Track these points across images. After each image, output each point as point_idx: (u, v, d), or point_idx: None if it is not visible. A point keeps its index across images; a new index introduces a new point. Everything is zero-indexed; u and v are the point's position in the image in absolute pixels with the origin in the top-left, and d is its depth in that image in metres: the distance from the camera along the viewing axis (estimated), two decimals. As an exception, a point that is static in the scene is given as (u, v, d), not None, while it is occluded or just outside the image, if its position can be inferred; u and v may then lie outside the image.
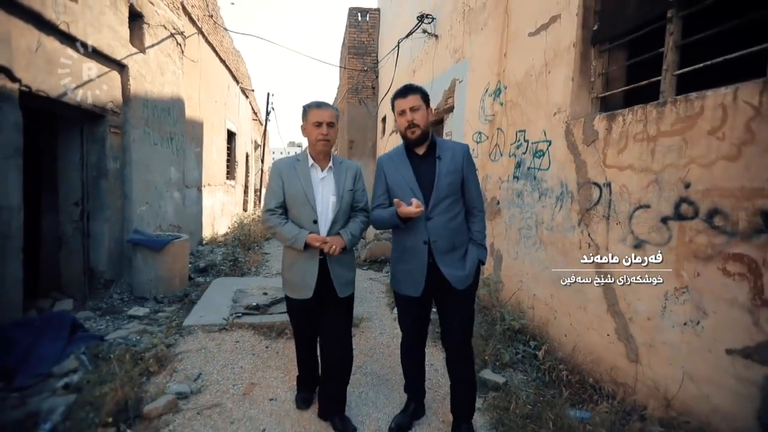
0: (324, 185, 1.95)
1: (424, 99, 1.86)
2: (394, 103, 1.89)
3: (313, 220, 1.90)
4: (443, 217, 1.84)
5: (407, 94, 1.85)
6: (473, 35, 4.18)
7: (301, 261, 1.93)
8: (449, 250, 1.85)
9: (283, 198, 1.94)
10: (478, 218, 1.95)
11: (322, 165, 1.97)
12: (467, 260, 1.88)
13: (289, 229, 1.89)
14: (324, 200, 1.94)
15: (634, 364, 2.14)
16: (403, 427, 2.03)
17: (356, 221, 2.02)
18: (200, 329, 3.16)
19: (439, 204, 1.83)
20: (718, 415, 1.69)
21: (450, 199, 1.85)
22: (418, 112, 1.83)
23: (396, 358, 2.87)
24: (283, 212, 1.96)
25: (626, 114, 2.20)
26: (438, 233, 1.83)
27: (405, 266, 1.90)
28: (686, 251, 1.85)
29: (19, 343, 2.52)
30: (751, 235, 1.58)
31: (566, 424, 1.94)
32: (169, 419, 2.04)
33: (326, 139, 1.90)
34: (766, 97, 1.53)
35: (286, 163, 1.97)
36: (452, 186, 1.85)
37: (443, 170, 1.85)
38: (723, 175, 1.69)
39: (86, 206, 3.80)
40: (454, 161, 1.87)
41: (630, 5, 2.35)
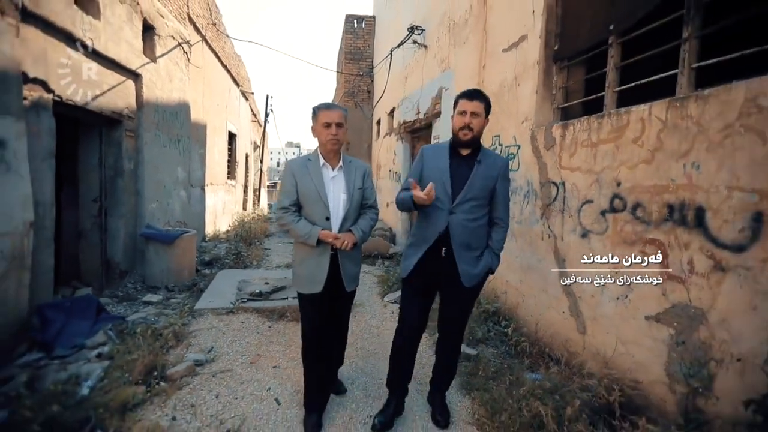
0: (335, 183, 2.01)
1: (486, 108, 1.92)
2: (458, 101, 1.94)
3: (325, 217, 1.96)
4: (464, 216, 1.90)
5: (473, 98, 1.89)
6: (457, 48, 4.58)
7: (314, 256, 1.99)
8: (464, 247, 1.92)
9: (296, 196, 2.00)
10: (501, 229, 2.01)
11: (333, 164, 2.03)
12: (481, 262, 1.96)
13: (302, 226, 1.94)
14: (335, 198, 2.00)
15: (582, 335, 2.54)
16: (385, 425, 2.07)
17: (366, 218, 2.09)
18: (210, 312, 3.54)
19: (464, 203, 1.90)
20: (638, 367, 2.09)
21: (475, 202, 1.91)
22: (477, 118, 1.88)
23: (383, 336, 3.27)
24: (296, 210, 2.02)
25: (576, 124, 2.60)
26: (456, 228, 1.90)
27: (416, 251, 1.99)
28: (618, 238, 2.24)
29: (54, 320, 2.88)
30: (661, 223, 1.97)
31: (521, 382, 2.33)
32: (188, 380, 2.42)
33: (336, 138, 1.96)
34: (671, 113, 1.93)
35: (299, 163, 2.03)
36: (482, 191, 1.91)
37: (479, 174, 1.91)
38: (642, 175, 2.08)
39: (104, 203, 4.16)
40: (492, 170, 1.93)
41: (582, 31, 2.75)
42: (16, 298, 2.65)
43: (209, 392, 2.31)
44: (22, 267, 2.68)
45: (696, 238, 1.79)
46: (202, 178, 6.97)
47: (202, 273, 4.94)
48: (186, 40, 5.70)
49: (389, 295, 4.30)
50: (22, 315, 2.71)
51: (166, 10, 5.04)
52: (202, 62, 6.80)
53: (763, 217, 1.53)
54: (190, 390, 2.33)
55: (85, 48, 3.36)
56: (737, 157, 1.62)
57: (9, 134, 2.49)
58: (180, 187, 5.66)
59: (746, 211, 1.59)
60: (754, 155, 1.56)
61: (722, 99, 1.68)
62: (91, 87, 3.53)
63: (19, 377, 2.34)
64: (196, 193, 6.64)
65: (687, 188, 1.84)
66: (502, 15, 3.60)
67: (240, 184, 11.52)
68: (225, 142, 9.07)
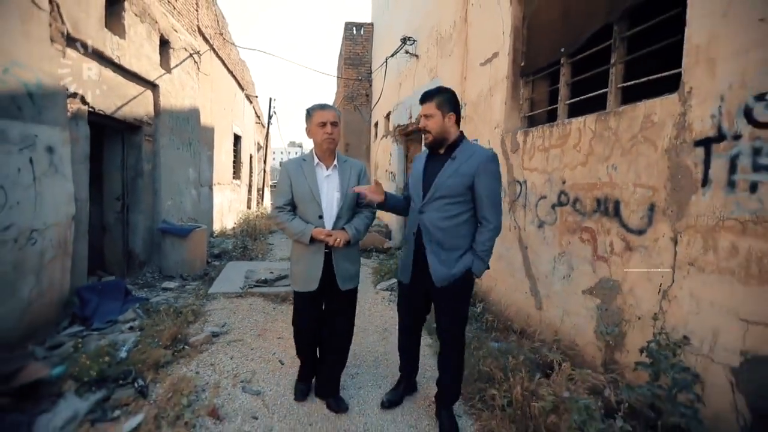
0: (329, 183, 2.04)
1: (439, 106, 1.86)
2: None
3: (318, 215, 2.00)
4: (434, 214, 1.87)
5: (424, 101, 1.90)
6: (444, 59, 5.03)
7: (308, 254, 2.02)
8: (438, 246, 1.88)
9: (291, 196, 2.04)
10: (485, 230, 1.86)
11: (327, 164, 2.06)
12: (458, 264, 1.87)
13: (296, 224, 1.99)
14: (329, 197, 2.03)
15: (539, 311, 2.99)
16: (393, 402, 2.20)
17: (361, 217, 2.10)
18: (222, 296, 4.02)
19: (432, 201, 1.88)
20: (577, 332, 2.54)
21: (448, 199, 1.85)
22: (431, 119, 1.87)
23: (373, 317, 3.74)
24: (291, 209, 2.07)
25: (534, 131, 3.06)
26: (426, 227, 1.89)
27: (402, 253, 2.10)
28: (563, 227, 2.70)
29: (90, 300, 3.37)
30: (592, 213, 2.43)
31: (484, 349, 2.79)
32: (207, 347, 2.90)
33: (331, 137, 1.99)
34: (598, 124, 2.38)
35: (294, 164, 2.08)
36: (453, 188, 1.84)
37: (448, 171, 1.86)
38: (580, 175, 2.53)
39: (126, 200, 4.65)
40: (468, 166, 1.83)
41: (542, 51, 3.19)
42: (61, 280, 3.13)
43: (225, 355, 2.79)
44: (66, 254, 3.16)
45: (614, 225, 2.24)
46: (210, 178, 7.46)
47: (212, 264, 5.43)
48: (196, 50, 6.19)
49: (381, 284, 4.77)
50: (64, 295, 3.20)
51: (179, 25, 5.52)
52: (210, 70, 7.29)
53: (655, 207, 1.98)
54: (209, 354, 2.80)
55: (112, 64, 3.84)
56: (639, 160, 2.07)
57: (57, 142, 2.97)
58: (191, 187, 6.15)
59: (645, 203, 2.04)
60: (649, 159, 2.01)
61: (630, 115, 2.14)
62: (118, 98, 4.01)
63: (68, 344, 2.83)
64: (205, 192, 7.13)
65: (608, 186, 2.29)
66: (479, 33, 4.05)
67: (245, 184, 12.02)
68: (231, 143, 9.56)
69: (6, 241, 2.56)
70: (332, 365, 2.24)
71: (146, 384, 2.33)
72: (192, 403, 2.17)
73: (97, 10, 3.50)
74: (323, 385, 2.27)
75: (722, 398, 1.63)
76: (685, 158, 1.82)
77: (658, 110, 1.97)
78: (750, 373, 1.54)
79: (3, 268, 2.56)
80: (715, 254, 1.68)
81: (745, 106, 1.57)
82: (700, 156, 1.75)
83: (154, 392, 2.27)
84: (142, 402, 2.17)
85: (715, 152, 1.68)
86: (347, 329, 2.25)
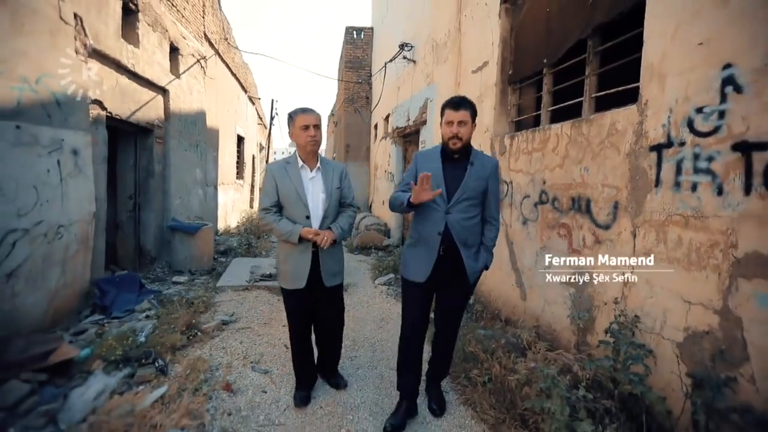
0: (314, 184, 2.12)
1: (472, 115, 1.96)
2: (444, 111, 1.98)
3: (305, 216, 2.07)
4: (460, 215, 1.97)
5: (459, 107, 1.93)
6: (439, 65, 5.29)
7: (296, 254, 2.08)
8: (464, 245, 2.00)
9: (277, 197, 2.09)
10: (493, 227, 2.09)
11: (311, 166, 2.14)
12: (480, 258, 2.05)
13: (284, 225, 2.04)
14: (314, 198, 2.10)
15: (523, 302, 3.25)
16: (397, 427, 2.07)
17: (345, 216, 2.19)
18: (229, 288, 4.28)
19: (459, 203, 1.98)
20: (555, 319, 2.79)
21: (470, 201, 1.98)
22: (464, 126, 1.93)
23: (371, 308, 3.99)
24: (278, 210, 2.12)
25: (519, 135, 3.31)
26: (454, 228, 1.97)
27: (416, 252, 2.05)
28: (544, 224, 2.95)
29: (108, 292, 3.63)
30: (568, 211, 2.68)
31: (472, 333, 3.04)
32: (218, 333, 3.16)
33: (314, 140, 2.06)
34: (573, 130, 2.63)
35: (278, 166, 2.13)
36: (475, 191, 1.98)
37: (473, 175, 1.98)
38: (558, 176, 2.79)
39: (138, 199, 4.92)
40: (483, 171, 2.01)
41: (528, 60, 3.45)
42: (83, 272, 3.40)
43: (235, 340, 3.05)
44: (87, 248, 3.43)
45: (586, 221, 2.50)
46: (215, 178, 7.72)
47: (219, 260, 5.70)
48: (203, 56, 6.46)
49: (379, 279, 5.03)
50: (85, 286, 3.46)
51: (187, 32, 5.79)
52: (215, 73, 7.55)
53: (618, 204, 2.24)
54: (220, 339, 3.07)
55: (128, 72, 4.11)
56: (606, 163, 2.33)
57: (81, 145, 3.23)
58: (198, 186, 6.42)
59: (610, 201, 2.29)
60: (614, 162, 2.27)
61: (599, 122, 2.39)
62: (132, 103, 4.28)
63: (90, 330, 3.09)
64: (210, 192, 7.39)
65: (581, 186, 2.54)
66: (471, 42, 4.31)
67: (247, 184, 12.29)
68: (234, 144, 9.83)
69: (37, 235, 2.82)
70: (329, 353, 2.40)
71: (165, 363, 2.60)
72: (208, 379, 2.43)
73: (114, 21, 3.77)
74: (321, 367, 2.46)
75: (670, 368, 1.88)
76: (642, 161, 2.08)
77: (621, 119, 2.23)
78: (690, 347, 1.80)
79: (34, 259, 2.82)
80: (665, 245, 1.94)
81: (688, 117, 1.83)
82: (654, 160, 2.00)
83: (172, 371, 2.53)
84: (163, 378, 2.43)
85: (665, 157, 1.94)
86: (338, 320, 2.35)
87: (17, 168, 2.65)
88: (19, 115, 2.65)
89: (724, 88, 1.67)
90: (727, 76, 1.66)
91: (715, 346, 1.68)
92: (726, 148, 1.66)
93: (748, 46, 1.58)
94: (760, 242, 1.53)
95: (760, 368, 1.53)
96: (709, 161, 1.73)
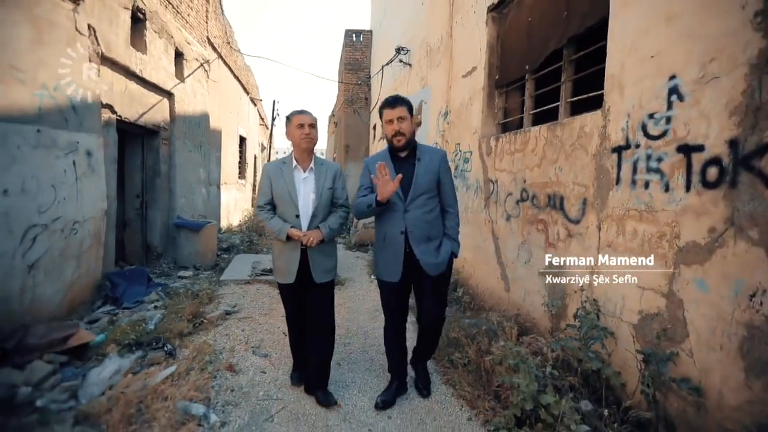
0: (305, 184, 2.19)
1: (409, 110, 2.06)
2: (383, 112, 2.07)
3: (295, 215, 2.16)
4: (419, 210, 2.05)
5: (395, 105, 2.03)
6: (433, 69, 5.51)
7: (286, 251, 2.19)
8: (424, 240, 2.05)
9: (271, 196, 2.19)
10: (452, 215, 2.17)
11: (305, 166, 2.21)
12: (441, 251, 2.10)
13: (274, 223, 2.14)
14: (305, 197, 2.18)
15: (507, 293, 3.46)
16: (388, 402, 2.25)
17: (335, 215, 2.25)
18: (232, 282, 4.52)
19: (415, 199, 2.05)
20: (534, 308, 3.01)
21: (426, 195, 2.06)
22: (404, 122, 2.01)
23: (366, 300, 4.21)
24: (272, 208, 2.22)
25: (503, 137, 3.53)
26: (414, 224, 2.03)
27: (385, 254, 2.13)
28: (525, 220, 3.17)
29: (119, 284, 3.87)
30: (545, 207, 2.90)
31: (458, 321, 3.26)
32: (222, 322, 3.40)
33: (309, 137, 2.14)
34: (549, 133, 2.85)
35: (274, 166, 2.23)
36: (428, 184, 2.06)
37: (421, 170, 2.06)
38: (536, 175, 3.00)
39: (145, 198, 5.16)
40: (432, 163, 2.09)
41: (512, 66, 3.66)
42: (96, 265, 3.63)
43: (237, 328, 3.28)
44: (99, 243, 3.67)
45: (560, 217, 2.71)
46: (218, 177, 7.96)
47: (222, 257, 5.93)
48: (206, 60, 6.69)
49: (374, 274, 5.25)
50: (98, 278, 3.70)
51: (191, 37, 6.02)
52: (218, 76, 7.79)
53: (587, 201, 2.45)
54: (224, 327, 3.30)
55: (136, 77, 4.34)
56: (576, 163, 2.54)
57: (94, 146, 3.47)
58: (201, 186, 6.66)
59: (580, 198, 2.50)
60: (583, 162, 2.48)
61: (570, 126, 2.61)
62: (140, 106, 4.52)
63: (103, 319, 3.33)
64: (214, 191, 7.63)
65: (556, 184, 2.76)
66: (461, 48, 4.52)
67: (249, 183, 12.53)
68: (236, 145, 10.07)
69: (55, 230, 3.06)
70: (318, 358, 2.29)
71: (174, 348, 2.83)
72: (213, 361, 2.66)
73: (124, 31, 4.00)
74: (311, 380, 2.34)
75: (627, 347, 2.09)
76: (605, 161, 2.29)
77: (588, 123, 2.44)
78: (643, 327, 2.01)
79: (52, 253, 3.06)
80: (623, 237, 2.15)
81: (642, 122, 2.04)
82: (615, 160, 2.21)
83: (180, 354, 2.76)
84: (172, 360, 2.66)
85: (624, 157, 2.15)
86: (326, 322, 2.30)
87: (38, 168, 2.89)
88: (39, 120, 2.89)
89: (670, 97, 1.88)
90: (672, 86, 1.87)
91: (662, 326, 1.89)
92: (672, 149, 1.87)
93: (687, 60, 1.79)
94: (697, 233, 1.74)
95: (697, 344, 1.74)
96: (658, 161, 1.94)
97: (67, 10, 3.12)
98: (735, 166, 1.59)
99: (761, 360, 1.49)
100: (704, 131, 1.72)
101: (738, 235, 1.57)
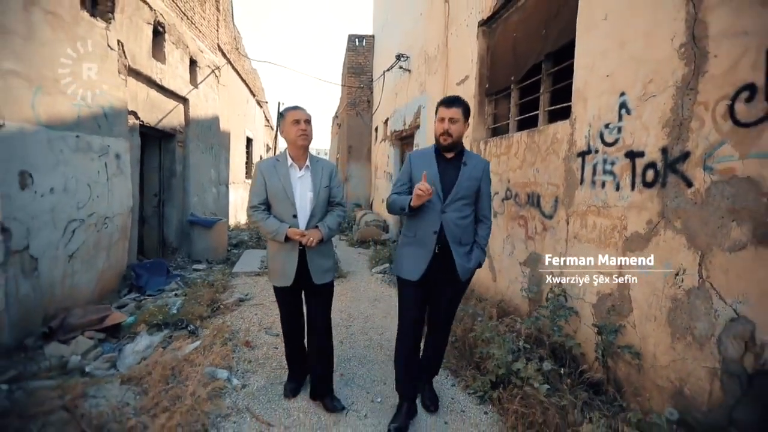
0: (302, 183, 2.10)
1: (464, 113, 2.01)
2: (438, 108, 2.03)
3: (292, 214, 2.06)
4: (455, 214, 2.00)
5: (451, 105, 1.99)
6: (430, 76, 5.86)
7: (283, 252, 2.07)
8: (457, 243, 2.01)
9: (265, 195, 2.08)
10: (485, 226, 2.13)
11: (300, 164, 2.11)
12: (472, 257, 2.06)
13: (271, 223, 2.03)
14: (302, 196, 2.09)
15: (495, 283, 3.82)
16: (401, 429, 2.06)
17: (333, 215, 2.17)
18: (243, 274, 4.90)
19: (454, 202, 2.00)
20: (516, 295, 3.36)
21: (464, 200, 2.02)
22: (455, 123, 1.98)
23: (367, 292, 4.58)
24: (266, 208, 2.10)
25: (491, 141, 3.88)
26: (448, 226, 1.99)
27: (411, 251, 2.05)
28: (509, 216, 3.52)
29: (142, 275, 4.25)
30: (525, 205, 3.25)
31: (449, 309, 3.61)
32: (236, 308, 3.77)
33: (305, 134, 2.05)
34: (528, 138, 3.20)
35: (268, 164, 2.11)
36: (469, 190, 2.02)
37: (465, 175, 2.02)
38: (518, 176, 3.36)
39: (161, 196, 5.55)
40: (476, 171, 2.05)
41: (500, 76, 4.01)
42: (122, 257, 4.02)
43: (250, 312, 3.66)
44: (125, 237, 4.06)
45: (537, 213, 3.06)
46: (227, 177, 8.35)
47: (232, 252, 6.32)
48: (217, 66, 7.08)
49: (375, 268, 5.62)
50: (124, 269, 4.09)
51: (204, 45, 6.41)
52: (227, 80, 8.18)
53: (558, 199, 2.80)
54: (238, 312, 3.68)
55: (156, 85, 4.74)
56: (550, 166, 2.89)
57: (122, 150, 3.86)
58: (212, 185, 7.06)
59: (553, 196, 2.86)
60: (555, 165, 2.83)
61: (545, 133, 2.96)
62: (159, 112, 4.91)
63: (130, 304, 3.72)
64: (223, 190, 8.02)
65: (534, 184, 3.11)
66: (455, 58, 4.88)
67: (255, 183, 12.92)
68: (244, 146, 10.47)
69: (90, 225, 3.45)
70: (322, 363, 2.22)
71: (196, 327, 3.21)
72: (231, 338, 3.04)
73: (147, 44, 4.39)
74: (317, 385, 2.25)
75: (588, 323, 2.45)
76: (572, 164, 2.64)
77: (560, 130, 2.79)
78: (599, 306, 2.36)
79: (87, 245, 3.44)
80: (586, 230, 2.50)
81: (600, 131, 2.39)
82: (580, 163, 2.57)
83: (202, 333, 3.14)
84: (195, 338, 3.04)
85: (587, 161, 2.50)
86: (325, 325, 2.23)
87: (76, 169, 3.27)
88: (78, 127, 3.27)
89: (621, 110, 2.24)
90: (622, 101, 2.22)
91: (612, 303, 2.24)
92: (621, 155, 2.22)
93: (634, 80, 2.15)
94: (638, 225, 2.09)
95: (639, 316, 2.09)
96: (612, 165, 2.29)
97: (100, 28, 3.50)
98: (665, 169, 1.94)
99: (681, 326, 1.84)
100: (645, 140, 2.07)
101: (667, 225, 1.93)
